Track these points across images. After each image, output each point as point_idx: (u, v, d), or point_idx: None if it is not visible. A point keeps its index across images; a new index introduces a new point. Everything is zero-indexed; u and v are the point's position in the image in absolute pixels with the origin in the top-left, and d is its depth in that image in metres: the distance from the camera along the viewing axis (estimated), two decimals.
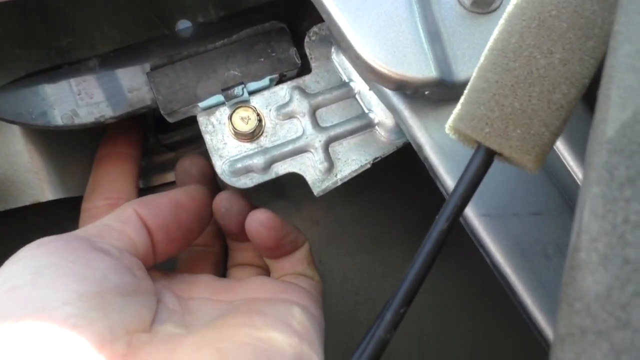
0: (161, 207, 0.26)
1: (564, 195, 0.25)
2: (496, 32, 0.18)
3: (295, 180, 0.32)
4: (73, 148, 0.33)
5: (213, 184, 0.32)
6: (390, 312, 0.18)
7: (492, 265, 0.25)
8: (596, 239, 0.12)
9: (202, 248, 0.32)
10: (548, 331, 0.24)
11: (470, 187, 0.18)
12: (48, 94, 0.28)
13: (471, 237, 0.25)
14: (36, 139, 0.32)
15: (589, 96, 0.23)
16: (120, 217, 0.24)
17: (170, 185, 0.37)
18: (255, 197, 0.34)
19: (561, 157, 0.26)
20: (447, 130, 0.18)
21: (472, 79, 0.18)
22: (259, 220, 0.27)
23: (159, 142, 0.37)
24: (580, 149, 0.25)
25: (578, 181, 0.25)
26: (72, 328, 0.16)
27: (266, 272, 0.31)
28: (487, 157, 0.18)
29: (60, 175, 0.33)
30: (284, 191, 0.40)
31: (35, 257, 0.18)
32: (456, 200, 0.18)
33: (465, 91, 0.18)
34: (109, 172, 0.32)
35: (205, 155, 0.38)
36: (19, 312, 0.16)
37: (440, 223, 0.18)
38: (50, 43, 0.28)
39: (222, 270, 0.32)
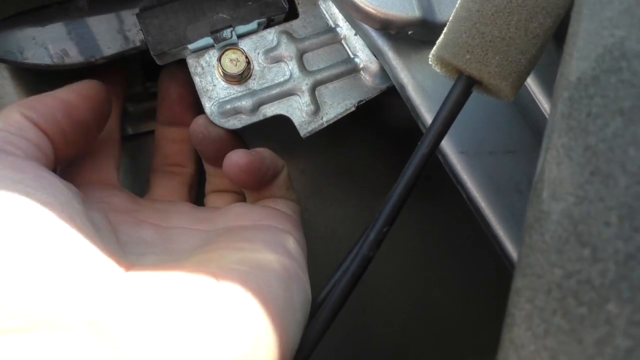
0: (50, 108, 0.24)
1: (537, 134, 0.27)
2: None
3: (281, 129, 0.33)
4: None
5: (194, 95, 0.31)
6: (374, 231, 0.19)
7: (467, 200, 0.26)
8: (563, 135, 0.13)
9: (177, 168, 0.32)
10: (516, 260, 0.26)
11: (450, 114, 0.19)
12: (38, 33, 0.28)
13: (449, 173, 0.26)
14: (26, 81, 0.32)
15: (561, 36, 0.24)
16: (10, 123, 0.22)
17: None
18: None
19: (534, 97, 0.27)
20: (430, 61, 0.19)
21: (455, 9, 0.19)
22: (237, 166, 0.26)
23: (147, 90, 0.37)
24: (551, 90, 0.27)
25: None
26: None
27: (245, 197, 0.31)
28: (466, 86, 0.19)
29: None
30: (271, 140, 0.41)
31: None
32: (437, 127, 0.19)
33: (449, 22, 0.19)
34: None
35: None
36: None
37: (422, 148, 0.19)
38: None
39: (196, 192, 0.32)
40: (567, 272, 0.12)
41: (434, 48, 0.19)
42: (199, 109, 0.33)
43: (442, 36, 0.19)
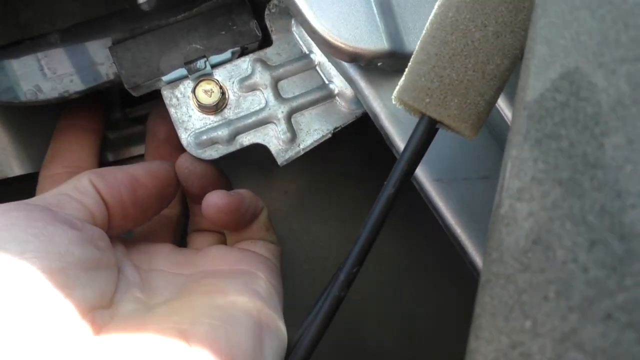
0: (117, 181, 0.25)
1: None
2: (436, 6, 0.19)
3: (262, 151, 0.33)
4: (39, 123, 0.34)
5: None
6: (344, 272, 0.19)
7: (444, 227, 0.26)
8: (512, 194, 0.13)
9: (164, 210, 0.31)
10: None
11: (415, 153, 0.19)
12: (12, 70, 0.28)
13: (425, 200, 0.26)
14: (1, 115, 0.32)
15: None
16: (77, 187, 0.24)
17: (140, 158, 0.38)
18: (223, 166, 0.34)
19: (507, 122, 0.27)
20: (393, 101, 0.19)
21: (414, 52, 0.19)
22: (216, 206, 0.26)
23: (126, 116, 0.37)
24: None
25: None
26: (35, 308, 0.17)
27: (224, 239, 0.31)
28: (429, 126, 0.19)
29: (28, 151, 0.33)
30: (252, 162, 0.41)
31: None
32: (402, 167, 0.19)
33: (409, 63, 0.19)
34: (70, 142, 0.32)
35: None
36: None
37: (388, 188, 0.19)
38: (10, 18, 0.28)
39: (181, 232, 0.33)
40: (512, 342, 0.12)
41: (396, 89, 0.19)
42: None
43: (403, 78, 0.19)
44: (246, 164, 0.41)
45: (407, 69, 0.19)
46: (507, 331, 0.12)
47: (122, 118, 0.38)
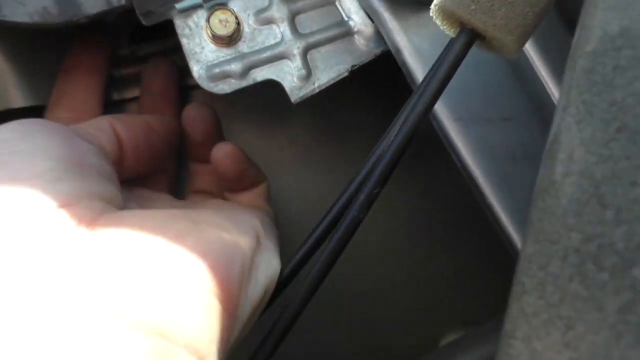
0: (135, 124, 0.26)
1: (535, 102, 0.26)
2: None
3: (269, 100, 0.32)
4: (43, 54, 0.32)
5: (178, 87, 0.33)
6: (365, 192, 0.18)
7: (461, 168, 0.26)
8: (585, 91, 0.13)
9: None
10: (511, 230, 0.26)
11: (450, 68, 0.18)
12: None
13: (443, 140, 0.26)
14: (4, 42, 0.31)
15: (562, 7, 0.23)
16: (94, 124, 0.24)
17: None
18: (231, 117, 0.34)
19: (532, 64, 0.26)
20: (431, 12, 0.18)
21: None
22: (224, 151, 0.28)
23: (133, 54, 0.36)
24: (550, 57, 0.26)
25: (547, 88, 0.26)
26: (53, 180, 0.17)
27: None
28: (469, 39, 0.18)
29: (31, 82, 0.32)
30: (259, 110, 0.40)
31: (24, 123, 0.19)
32: (437, 82, 0.18)
33: None
34: (75, 85, 0.31)
35: (180, 70, 0.37)
36: (4, 158, 0.17)
37: (420, 105, 0.18)
38: None
39: (174, 189, 0.33)
40: (587, 236, 0.12)
41: None
42: (181, 105, 0.33)
43: None
44: (250, 111, 0.40)
45: None
46: (580, 227, 0.12)
47: (129, 56, 0.36)
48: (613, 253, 0.11)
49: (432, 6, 0.18)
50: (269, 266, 0.22)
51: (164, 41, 0.36)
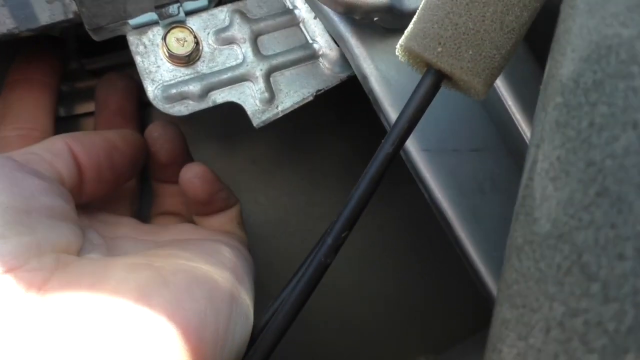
0: (95, 145, 0.24)
1: (502, 132, 0.26)
2: None
3: (230, 118, 0.31)
4: None
5: (138, 102, 0.31)
6: (332, 236, 0.17)
7: (429, 199, 0.25)
8: (558, 146, 0.12)
9: None
10: (478, 263, 0.25)
11: (418, 110, 0.17)
12: None
13: (411, 171, 0.25)
14: None
15: (530, 39, 0.23)
16: (50, 149, 0.22)
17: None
18: (191, 136, 0.32)
19: (500, 96, 0.26)
20: (397, 52, 0.18)
21: None
22: (193, 172, 0.26)
23: (83, 67, 0.34)
24: (518, 88, 0.26)
25: (515, 119, 0.26)
26: None
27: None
28: (435, 80, 0.18)
29: None
30: (219, 130, 0.38)
31: None
32: (403, 124, 0.18)
33: (419, 9, 0.17)
34: (22, 100, 0.29)
35: (132, 86, 0.35)
36: None
37: (386, 147, 0.18)
38: None
39: (137, 210, 0.31)
40: (571, 309, 0.11)
41: (402, 38, 0.18)
42: (140, 121, 0.31)
43: (411, 25, 0.17)
44: (210, 129, 0.38)
45: (415, 16, 0.17)
46: (562, 298, 0.11)
47: (78, 69, 0.34)
48: (603, 334, 0.10)
49: (398, 46, 0.18)
50: (245, 324, 0.20)
51: (117, 54, 0.34)
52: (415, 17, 0.17)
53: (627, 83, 0.11)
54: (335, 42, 0.27)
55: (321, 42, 0.28)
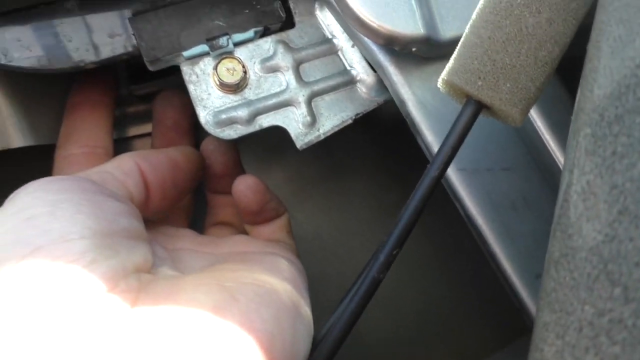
0: (161, 164, 0.26)
1: (532, 152, 0.27)
2: None
3: (266, 137, 0.32)
4: (44, 94, 0.32)
5: (192, 117, 0.32)
6: (384, 254, 0.19)
7: (465, 217, 0.27)
8: (587, 172, 0.13)
9: None
10: (512, 276, 0.26)
11: (460, 137, 0.19)
12: (23, 34, 0.27)
13: (447, 189, 0.27)
14: (5, 83, 0.31)
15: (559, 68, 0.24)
16: (122, 168, 0.24)
17: (145, 137, 0.37)
18: None
19: (530, 117, 0.27)
20: (439, 84, 0.19)
21: (464, 35, 0.19)
22: (245, 183, 0.28)
23: (132, 93, 0.36)
24: (547, 110, 0.27)
25: (544, 139, 0.27)
26: (90, 263, 0.17)
27: (245, 234, 0.31)
28: (475, 110, 0.19)
29: (31, 122, 0.32)
30: (256, 147, 0.40)
31: (50, 191, 0.18)
32: (447, 150, 0.19)
33: (458, 47, 0.19)
34: (84, 120, 0.31)
35: (179, 108, 0.37)
36: (39, 240, 0.16)
37: (433, 170, 0.19)
38: None
39: (192, 225, 0.33)
40: (599, 310, 0.12)
41: (444, 72, 0.19)
42: (195, 136, 0.33)
43: (452, 61, 0.19)
44: (248, 148, 0.40)
45: (455, 53, 0.19)
46: (592, 301, 0.12)
47: (127, 95, 0.37)
48: (623, 328, 0.12)
49: (440, 79, 0.19)
50: (307, 337, 0.21)
51: (163, 80, 0.36)
52: (455, 53, 0.19)
53: None
54: (372, 69, 0.29)
55: (358, 68, 0.30)
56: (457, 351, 0.42)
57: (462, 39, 0.19)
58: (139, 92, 0.36)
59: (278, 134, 0.29)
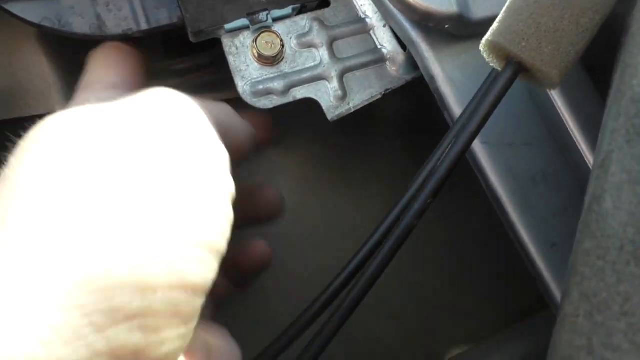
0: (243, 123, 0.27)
1: (552, 130, 0.29)
2: None
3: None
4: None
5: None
6: (419, 202, 0.20)
7: (486, 188, 0.28)
8: (632, 117, 0.15)
9: None
10: (529, 246, 0.28)
11: (498, 97, 0.21)
12: (77, 3, 0.29)
13: (470, 160, 0.28)
14: (53, 50, 0.32)
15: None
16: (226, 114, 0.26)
17: None
18: None
19: (551, 98, 0.29)
20: (481, 46, 0.21)
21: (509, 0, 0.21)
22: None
23: (167, 68, 0.38)
24: (568, 92, 0.29)
25: (564, 120, 0.29)
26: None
27: None
28: (515, 71, 0.21)
29: (74, 89, 0.33)
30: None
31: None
32: (485, 108, 0.21)
33: (503, 10, 0.21)
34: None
35: (209, 85, 0.39)
36: None
37: (470, 126, 0.21)
38: None
39: None
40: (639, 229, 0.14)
41: (489, 34, 0.21)
42: None
43: (496, 24, 0.21)
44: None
45: (501, 15, 0.21)
46: (634, 222, 0.14)
47: (162, 70, 0.38)
48: None
49: (483, 40, 0.21)
50: None
51: (197, 56, 0.38)
52: (500, 16, 0.21)
53: None
54: (402, 48, 0.31)
55: (389, 47, 0.31)
56: (462, 330, 0.43)
57: (507, 3, 0.21)
58: (174, 67, 0.38)
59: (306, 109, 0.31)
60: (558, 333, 0.15)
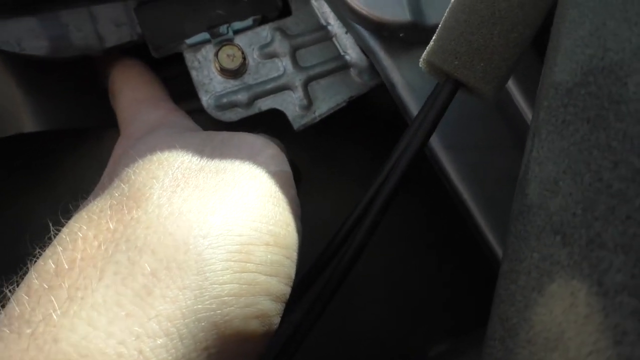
0: None
1: (514, 131, 0.29)
2: None
3: (267, 122, 0.34)
4: (56, 80, 0.34)
5: None
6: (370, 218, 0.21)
7: (451, 192, 0.28)
8: (543, 138, 0.15)
9: None
10: (497, 249, 0.28)
11: (438, 114, 0.21)
12: (35, 24, 0.29)
13: (434, 165, 0.28)
14: (18, 70, 0.32)
15: (539, 45, 0.26)
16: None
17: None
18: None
19: (514, 99, 0.29)
20: (420, 64, 0.21)
21: (443, 18, 0.21)
22: None
23: None
24: (530, 93, 0.29)
25: (527, 121, 0.29)
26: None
27: None
28: (453, 88, 0.21)
29: (44, 107, 0.34)
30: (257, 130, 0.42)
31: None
32: (427, 126, 0.21)
33: (438, 29, 0.21)
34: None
35: (179, 95, 0.39)
36: None
37: (414, 144, 0.21)
38: None
39: None
40: (543, 255, 0.14)
41: (425, 53, 0.21)
42: None
43: (431, 42, 0.21)
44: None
45: (435, 35, 0.21)
46: (538, 248, 0.14)
47: None
48: (560, 269, 0.14)
49: (421, 60, 0.21)
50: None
51: (165, 68, 0.38)
52: (435, 35, 0.21)
53: (585, 89, 0.14)
54: (365, 54, 0.31)
55: (352, 54, 0.31)
56: (441, 326, 0.43)
57: (441, 22, 0.21)
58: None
59: (274, 123, 0.31)
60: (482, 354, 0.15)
